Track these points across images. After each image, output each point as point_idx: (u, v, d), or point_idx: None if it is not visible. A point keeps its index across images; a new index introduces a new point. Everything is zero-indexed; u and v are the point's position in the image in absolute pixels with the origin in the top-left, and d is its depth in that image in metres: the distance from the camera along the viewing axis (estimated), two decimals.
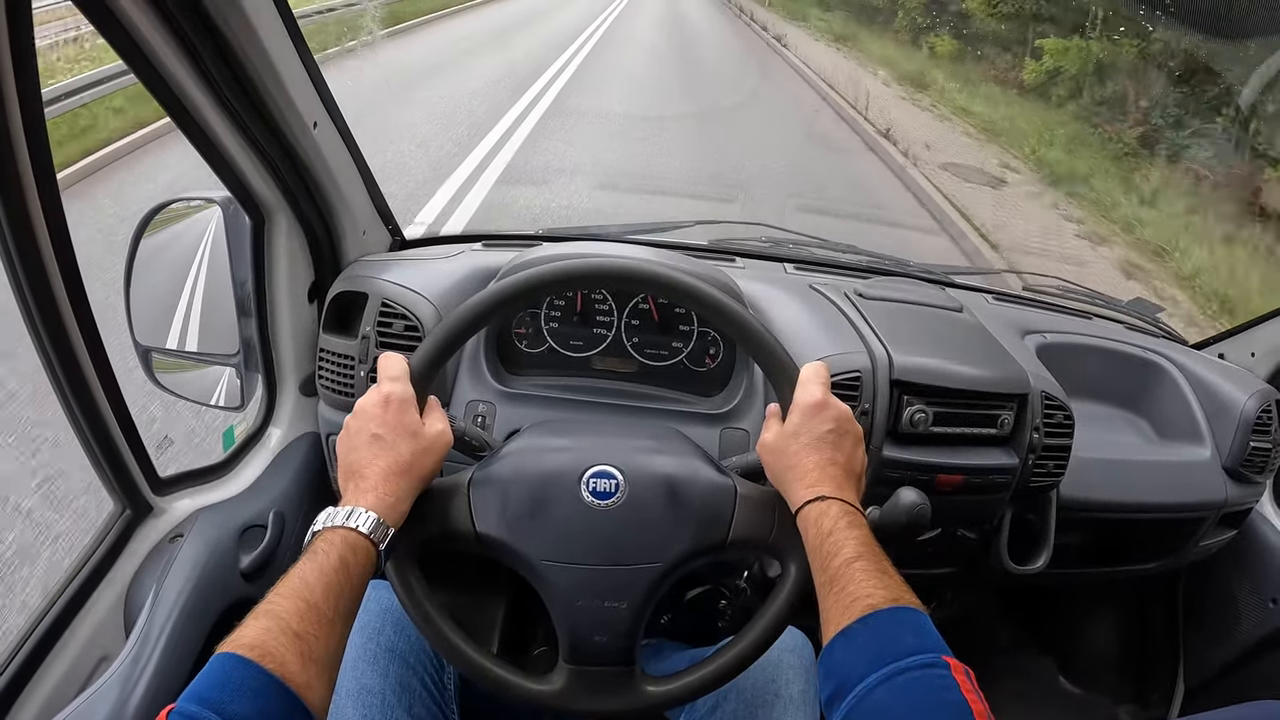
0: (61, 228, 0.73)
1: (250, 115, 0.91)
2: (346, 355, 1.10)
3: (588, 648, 0.76)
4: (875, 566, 0.68)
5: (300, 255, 1.11)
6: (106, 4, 0.71)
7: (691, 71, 10.89)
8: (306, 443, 1.20)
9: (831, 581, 0.68)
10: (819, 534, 0.71)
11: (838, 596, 0.67)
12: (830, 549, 0.70)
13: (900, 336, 1.13)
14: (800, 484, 0.76)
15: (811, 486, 0.75)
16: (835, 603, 0.67)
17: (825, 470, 0.76)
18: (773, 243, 1.51)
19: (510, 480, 0.78)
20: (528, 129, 6.44)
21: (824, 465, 0.76)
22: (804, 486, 0.75)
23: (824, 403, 0.79)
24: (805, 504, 0.74)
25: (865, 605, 0.65)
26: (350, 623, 0.67)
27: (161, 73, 0.80)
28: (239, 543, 1.01)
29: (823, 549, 0.70)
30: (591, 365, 1.19)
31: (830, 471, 0.76)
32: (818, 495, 0.74)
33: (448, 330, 0.81)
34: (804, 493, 0.75)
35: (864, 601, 0.65)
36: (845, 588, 0.67)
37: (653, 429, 0.91)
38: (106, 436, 0.85)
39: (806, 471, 0.76)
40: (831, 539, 0.70)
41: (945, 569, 1.24)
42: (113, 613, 0.89)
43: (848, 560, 0.68)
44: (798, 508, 0.75)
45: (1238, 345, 1.55)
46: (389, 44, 9.91)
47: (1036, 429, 1.13)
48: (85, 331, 0.79)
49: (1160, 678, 1.65)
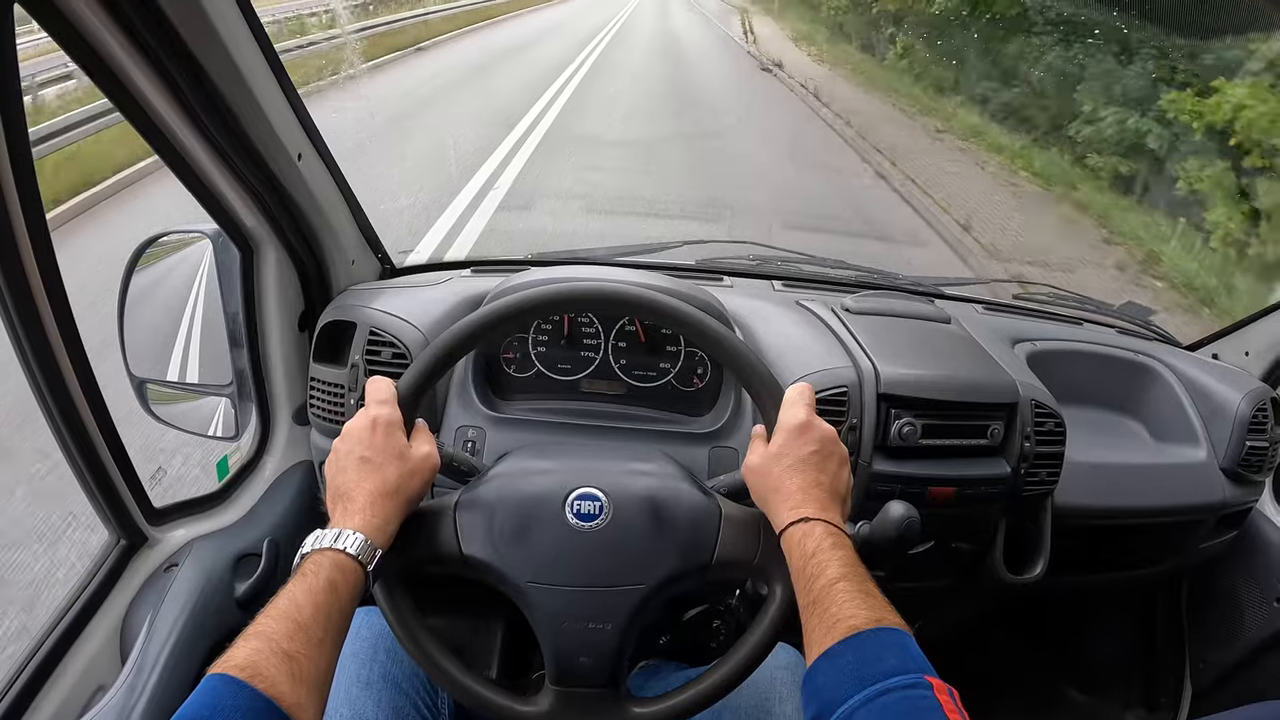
0: (50, 261, 0.74)
1: (235, 149, 0.92)
2: (336, 384, 1.11)
3: (574, 669, 0.76)
4: (858, 587, 0.68)
5: (290, 285, 1.12)
6: (89, 41, 0.72)
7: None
8: (300, 471, 1.21)
9: (815, 603, 0.68)
10: (802, 555, 0.71)
11: (820, 618, 0.67)
12: (813, 570, 0.70)
13: (887, 350, 1.13)
14: (784, 505, 0.76)
15: (795, 508, 0.75)
16: (818, 624, 0.67)
17: (809, 492, 0.76)
18: (760, 260, 1.51)
19: (495, 503, 0.79)
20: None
21: (808, 487, 0.76)
22: (788, 508, 0.75)
23: (808, 424, 0.79)
24: (789, 525, 0.74)
25: (848, 626, 0.65)
26: (340, 643, 0.67)
27: (146, 109, 0.81)
28: (234, 571, 1.02)
29: (806, 570, 0.70)
30: (580, 388, 1.20)
31: (814, 493, 0.76)
32: (801, 517, 0.74)
33: (434, 355, 0.82)
34: (788, 514, 0.75)
35: (846, 623, 0.65)
36: (828, 609, 0.67)
37: (638, 451, 0.91)
38: (100, 467, 0.86)
39: (790, 493, 0.76)
40: (815, 560, 0.70)
41: (942, 581, 1.24)
42: (109, 642, 0.90)
43: (831, 581, 0.68)
44: (781, 529, 0.75)
45: (1231, 345, 1.55)
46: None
47: (1027, 437, 1.13)
48: (76, 364, 0.80)
49: (1167, 682, 1.64)
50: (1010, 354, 1.30)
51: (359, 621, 0.93)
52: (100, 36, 0.73)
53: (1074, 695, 1.70)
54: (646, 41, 17.06)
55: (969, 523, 1.15)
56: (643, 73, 12.25)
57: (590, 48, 14.10)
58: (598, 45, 14.70)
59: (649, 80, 11.63)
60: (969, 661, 1.68)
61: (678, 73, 12.66)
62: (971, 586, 1.26)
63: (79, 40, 0.72)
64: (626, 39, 16.87)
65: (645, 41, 17.03)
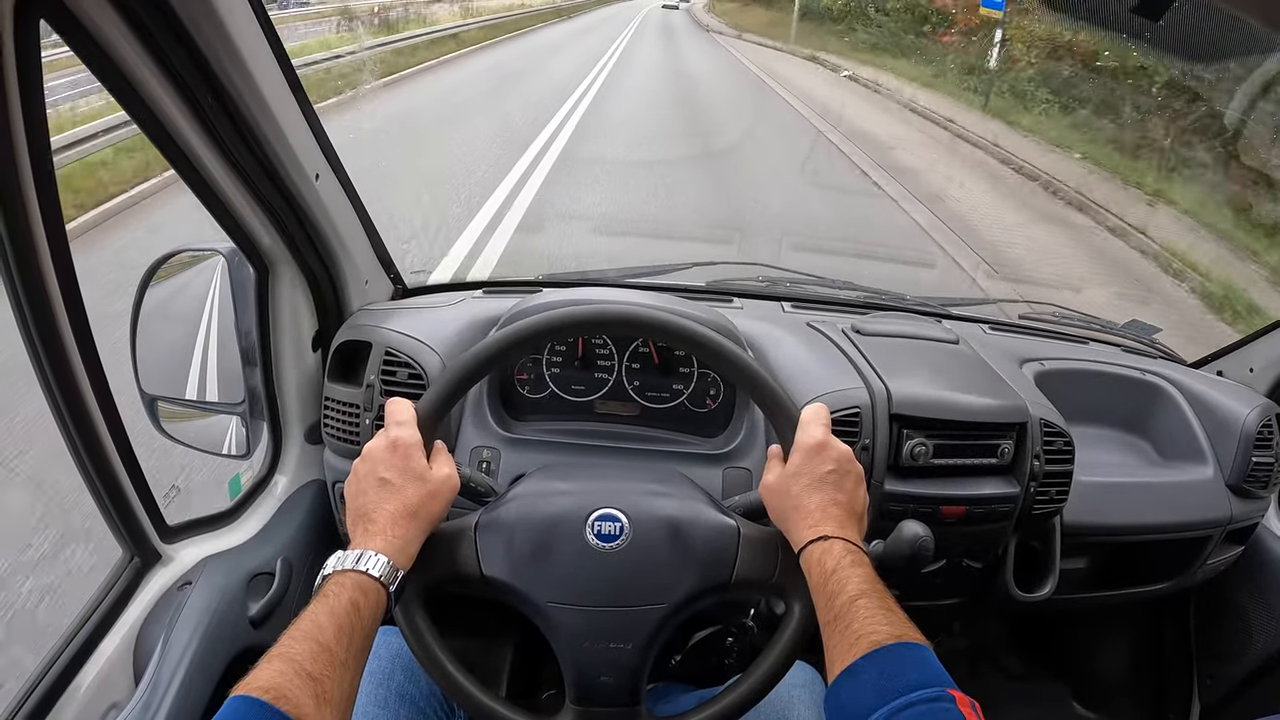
0: (70, 278, 0.75)
1: (253, 167, 0.93)
2: (351, 404, 1.11)
3: (595, 689, 0.77)
4: (879, 604, 0.69)
5: (304, 305, 1.13)
6: (110, 56, 0.72)
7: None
8: (312, 490, 1.21)
9: (836, 619, 0.69)
10: (822, 573, 0.72)
11: (842, 634, 0.68)
12: (834, 587, 0.70)
13: (898, 371, 1.14)
14: (803, 524, 0.76)
15: (814, 526, 0.75)
16: (840, 640, 0.68)
17: (827, 510, 0.77)
18: (770, 282, 1.52)
19: (516, 524, 0.80)
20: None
21: (825, 505, 0.77)
22: (806, 526, 0.76)
23: (825, 443, 0.80)
24: (808, 544, 0.75)
25: (870, 642, 0.65)
26: (362, 664, 0.68)
27: (165, 125, 0.82)
28: (247, 590, 1.02)
29: (826, 587, 0.71)
30: (594, 409, 1.20)
31: (832, 511, 0.77)
32: (820, 535, 0.75)
33: (453, 377, 0.83)
34: (806, 532, 0.75)
35: (868, 638, 0.66)
36: (849, 625, 0.67)
37: (656, 473, 0.92)
38: (115, 485, 0.87)
39: (809, 512, 0.77)
40: (835, 577, 0.71)
41: (952, 599, 1.24)
42: (122, 660, 0.90)
43: (851, 598, 0.69)
44: (800, 547, 0.75)
45: (1235, 361, 1.55)
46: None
47: (1037, 456, 1.13)
48: (94, 381, 0.80)
49: (1176, 698, 1.64)
50: (1019, 374, 1.31)
51: (376, 641, 0.92)
52: (123, 52, 0.73)
53: (1082, 713, 1.69)
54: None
55: (979, 541, 1.16)
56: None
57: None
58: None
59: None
60: (978, 679, 1.69)
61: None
62: (982, 604, 1.26)
63: (102, 56, 0.72)
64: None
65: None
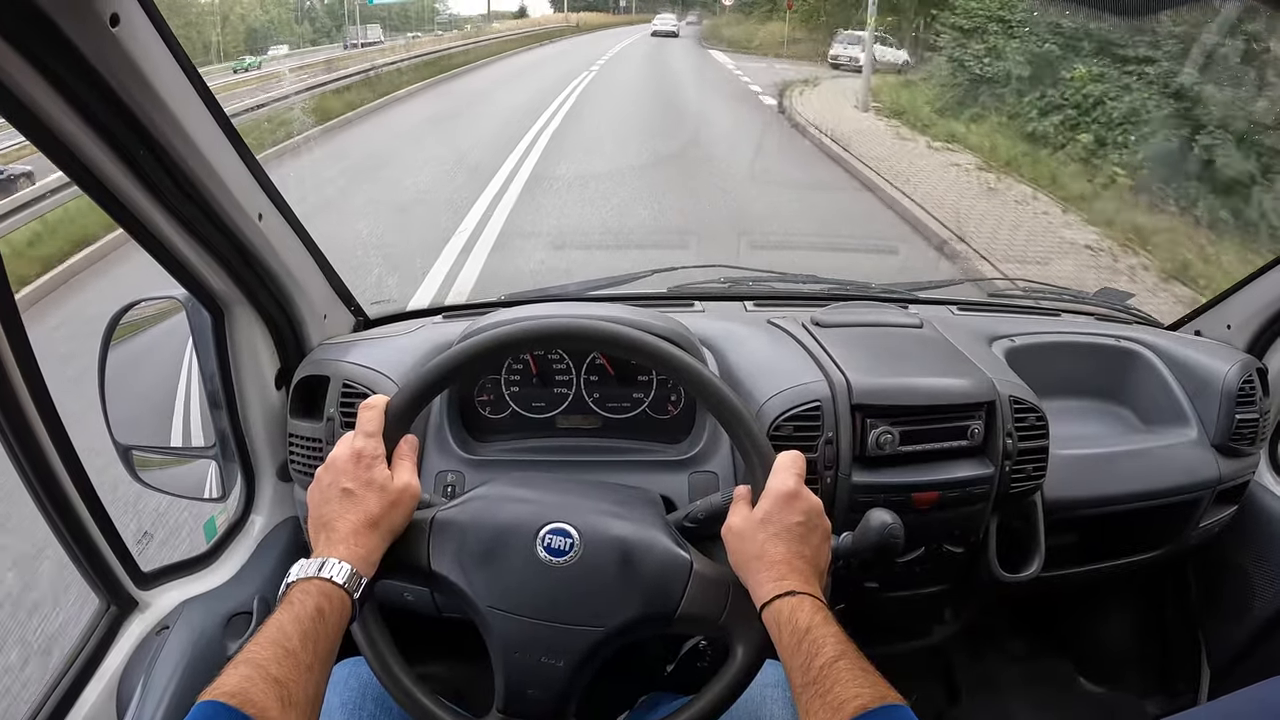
0: (21, 336, 0.76)
1: (194, 214, 0.93)
2: (314, 438, 1.12)
3: (520, 701, 0.77)
4: (857, 665, 0.68)
5: (262, 345, 1.13)
6: (41, 121, 0.73)
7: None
8: (289, 528, 1.21)
9: (815, 682, 0.67)
10: (794, 631, 0.70)
11: (823, 698, 0.66)
12: (810, 649, 0.69)
13: (859, 360, 1.13)
14: (767, 574, 0.75)
15: (780, 580, 0.74)
16: (821, 705, 0.66)
17: (793, 564, 0.75)
18: (731, 282, 1.51)
19: (469, 525, 0.81)
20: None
21: (791, 558, 0.75)
22: (771, 579, 0.74)
23: (797, 493, 0.79)
24: (777, 598, 0.73)
25: (856, 706, 0.64)
26: (329, 669, 0.69)
27: (104, 182, 0.82)
28: (225, 631, 1.03)
29: (801, 648, 0.69)
30: (556, 425, 1.20)
31: (797, 564, 0.75)
32: (789, 590, 0.73)
33: (423, 378, 0.84)
34: (771, 586, 0.74)
35: (854, 703, 0.64)
36: (831, 689, 0.66)
37: (619, 494, 0.91)
38: (84, 536, 0.88)
39: (774, 563, 0.75)
40: (810, 637, 0.69)
41: (937, 587, 1.24)
42: (104, 706, 0.91)
43: (830, 660, 0.68)
44: (767, 600, 0.73)
45: (1212, 319, 1.53)
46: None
47: (1009, 434, 1.12)
48: (55, 436, 0.81)
49: (1184, 664, 1.62)
50: (987, 352, 1.29)
51: (346, 672, 0.94)
52: (51, 114, 0.73)
53: (1089, 688, 1.67)
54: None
55: (957, 525, 1.15)
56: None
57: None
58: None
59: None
60: (980, 663, 1.67)
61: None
62: (968, 589, 1.25)
63: (32, 119, 0.73)
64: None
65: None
